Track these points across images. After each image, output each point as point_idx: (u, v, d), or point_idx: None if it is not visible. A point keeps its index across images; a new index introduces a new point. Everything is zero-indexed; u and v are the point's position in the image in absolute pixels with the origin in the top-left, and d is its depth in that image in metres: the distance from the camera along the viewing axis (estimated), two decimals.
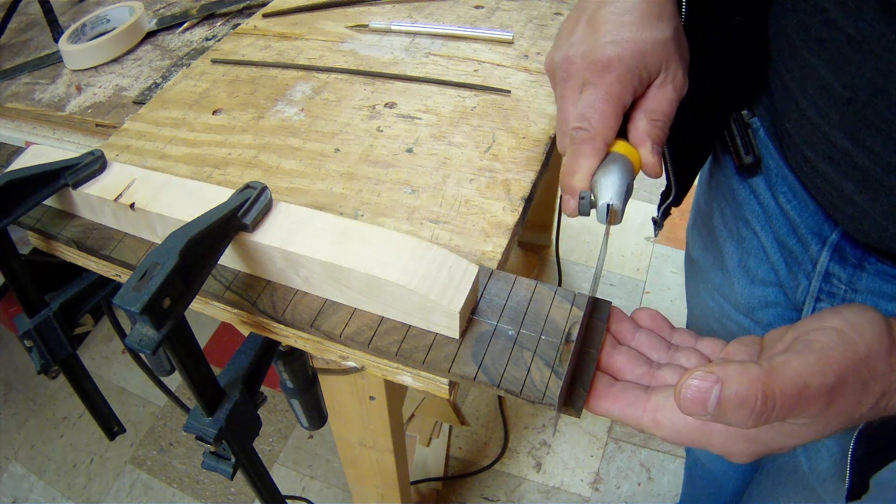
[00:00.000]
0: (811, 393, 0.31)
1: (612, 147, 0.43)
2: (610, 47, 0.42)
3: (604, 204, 0.40)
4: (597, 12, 0.45)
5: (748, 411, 0.30)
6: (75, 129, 0.71)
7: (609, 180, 0.40)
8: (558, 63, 0.45)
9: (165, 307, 0.35)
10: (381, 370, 0.44)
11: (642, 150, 0.43)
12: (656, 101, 0.44)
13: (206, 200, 0.45)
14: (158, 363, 0.68)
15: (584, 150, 0.42)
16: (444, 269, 0.40)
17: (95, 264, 0.52)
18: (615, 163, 0.41)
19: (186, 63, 0.75)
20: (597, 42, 0.43)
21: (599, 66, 0.42)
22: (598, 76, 0.42)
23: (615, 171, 0.41)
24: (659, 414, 0.35)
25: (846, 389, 0.32)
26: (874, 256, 0.48)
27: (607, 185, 0.40)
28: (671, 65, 0.44)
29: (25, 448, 1.53)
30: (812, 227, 0.52)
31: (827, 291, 0.52)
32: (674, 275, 1.77)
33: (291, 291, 0.45)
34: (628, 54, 0.42)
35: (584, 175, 0.42)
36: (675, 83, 0.44)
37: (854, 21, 0.39)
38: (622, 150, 0.43)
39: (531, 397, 0.38)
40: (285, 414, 1.56)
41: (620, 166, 0.41)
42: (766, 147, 0.55)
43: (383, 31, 0.71)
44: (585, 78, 0.43)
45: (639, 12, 0.44)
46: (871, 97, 0.40)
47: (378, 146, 0.57)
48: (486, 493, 1.42)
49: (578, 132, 0.42)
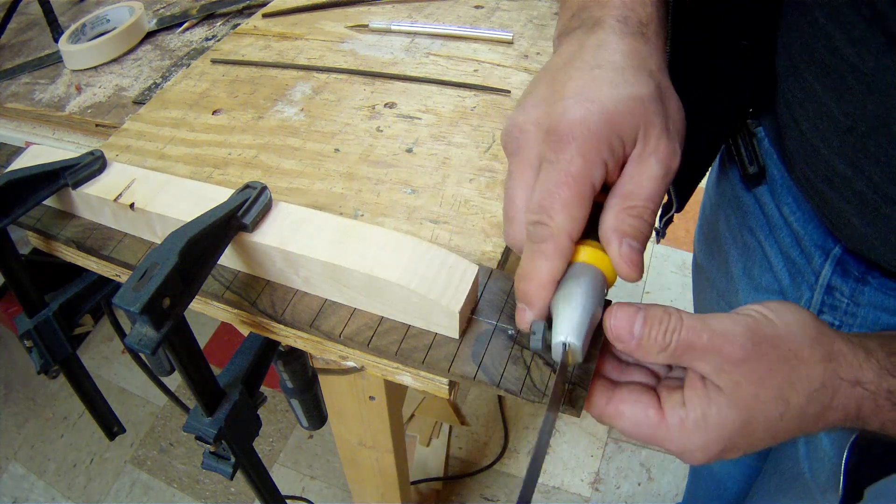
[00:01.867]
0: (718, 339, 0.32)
1: (578, 252, 0.35)
2: (571, 110, 0.33)
3: (559, 342, 0.32)
4: (561, 69, 0.36)
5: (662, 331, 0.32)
6: (75, 129, 0.71)
7: (568, 309, 0.33)
8: (509, 131, 0.37)
9: (165, 307, 0.35)
10: (381, 370, 0.44)
11: (612, 253, 0.34)
12: (634, 182, 0.34)
13: (206, 200, 0.45)
14: (158, 363, 0.68)
15: (544, 250, 0.34)
16: (444, 269, 0.40)
17: (95, 264, 0.52)
18: (578, 281, 0.33)
19: (186, 63, 0.75)
20: (556, 105, 0.34)
21: (557, 135, 0.33)
22: (556, 149, 0.33)
23: (577, 295, 0.33)
24: (622, 406, 0.36)
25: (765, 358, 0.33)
26: (877, 270, 0.48)
27: (565, 316, 0.32)
28: (652, 130, 0.34)
29: (25, 448, 1.53)
30: (816, 240, 0.51)
31: (829, 304, 0.52)
32: (674, 275, 1.77)
33: (291, 291, 0.45)
34: (594, 118, 0.33)
35: (544, 283, 0.34)
36: (659, 154, 0.34)
37: (858, 51, 0.37)
38: (591, 257, 0.34)
39: (531, 397, 0.38)
40: (285, 414, 1.55)
41: (584, 288, 0.33)
42: (771, 157, 0.55)
43: (383, 31, 0.71)
44: (541, 152, 0.35)
45: (611, 66, 0.35)
46: (873, 129, 0.39)
47: (378, 146, 0.57)
48: (486, 493, 1.42)
49: (537, 228, 0.34)
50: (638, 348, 0.33)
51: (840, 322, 0.52)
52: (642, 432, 0.35)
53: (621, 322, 0.33)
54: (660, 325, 0.33)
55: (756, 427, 0.34)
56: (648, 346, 0.33)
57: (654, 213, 0.35)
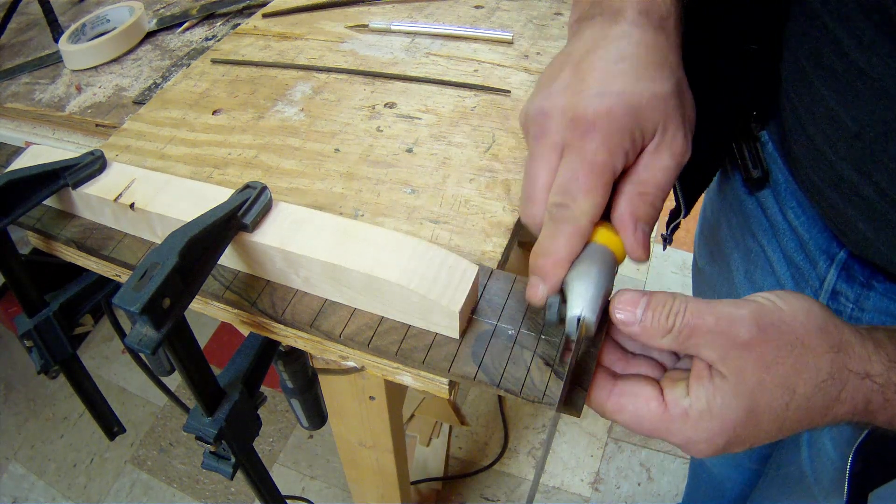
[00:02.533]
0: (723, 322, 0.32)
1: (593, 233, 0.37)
2: (596, 101, 0.36)
3: (574, 316, 0.34)
4: (584, 58, 0.38)
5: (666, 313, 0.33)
6: (75, 129, 0.71)
7: (583, 285, 0.35)
8: (533, 116, 0.39)
9: (165, 307, 0.35)
10: (381, 370, 0.44)
11: (625, 236, 0.37)
12: (648, 171, 0.37)
13: (206, 200, 0.45)
14: (158, 363, 0.68)
15: (565, 230, 0.36)
16: (444, 268, 0.40)
17: (95, 264, 0.52)
18: (593, 260, 0.36)
19: (186, 63, 0.75)
20: (581, 94, 0.36)
21: (583, 124, 0.36)
22: (580, 137, 0.36)
23: (592, 272, 0.35)
24: (623, 399, 0.35)
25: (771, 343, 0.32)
26: (882, 275, 0.48)
27: (580, 292, 0.35)
28: (670, 125, 0.37)
29: (25, 448, 1.53)
30: (820, 245, 0.51)
31: (834, 309, 0.52)
32: (674, 275, 1.77)
33: (291, 291, 0.45)
34: (619, 111, 0.35)
35: (562, 260, 0.36)
36: (674, 148, 0.37)
37: (867, 56, 0.37)
38: (603, 238, 0.37)
39: (531, 397, 0.38)
40: (285, 414, 1.55)
41: (599, 266, 0.36)
42: (775, 161, 0.54)
43: (383, 31, 0.71)
44: (566, 138, 0.37)
45: (635, 60, 0.37)
46: (881, 135, 0.39)
47: (378, 146, 0.57)
48: (486, 493, 1.42)
49: (560, 209, 0.36)
50: (643, 331, 0.34)
51: None
52: (644, 425, 0.35)
53: (626, 305, 0.34)
54: (664, 307, 0.33)
55: (761, 417, 0.33)
56: (653, 328, 0.33)
57: (663, 202, 0.38)
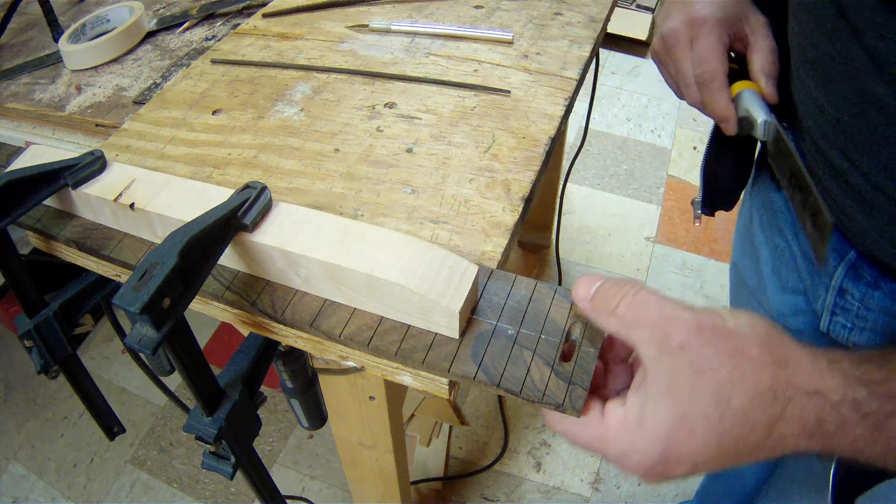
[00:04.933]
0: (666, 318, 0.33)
1: (740, 83, 0.53)
2: (702, 9, 0.53)
3: (763, 121, 0.50)
4: None
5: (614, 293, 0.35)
6: (75, 129, 0.71)
7: (756, 104, 0.51)
8: (666, 35, 0.55)
9: (165, 307, 0.35)
10: (381, 370, 0.44)
11: (766, 84, 0.53)
12: (761, 44, 0.54)
13: (206, 200, 0.45)
14: (158, 363, 0.68)
15: (714, 85, 0.52)
16: (444, 268, 0.40)
17: (95, 264, 0.52)
18: (753, 93, 0.52)
19: (186, 63, 0.75)
20: (690, 7, 0.54)
21: (698, 21, 0.53)
22: (699, 30, 0.53)
23: (757, 98, 0.52)
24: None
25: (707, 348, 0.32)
26: (890, 277, 0.48)
27: (758, 107, 0.51)
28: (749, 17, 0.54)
29: (25, 448, 1.53)
30: (833, 243, 0.52)
31: (841, 306, 0.53)
32: (674, 275, 1.77)
33: (291, 291, 0.45)
34: (718, 14, 0.53)
35: (724, 100, 0.52)
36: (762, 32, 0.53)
37: (833, 43, 0.42)
38: (751, 84, 0.53)
39: (531, 397, 0.38)
40: (285, 414, 1.55)
41: (758, 95, 0.52)
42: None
43: (383, 31, 0.71)
44: (691, 35, 0.53)
45: None
46: (854, 117, 0.42)
47: (378, 146, 0.57)
48: (486, 493, 1.42)
49: (703, 74, 0.52)
50: (591, 309, 0.37)
51: (852, 325, 0.53)
52: (581, 437, 0.36)
53: (584, 283, 0.37)
54: (616, 289, 0.35)
55: (694, 426, 0.32)
56: (600, 306, 0.36)
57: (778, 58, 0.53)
